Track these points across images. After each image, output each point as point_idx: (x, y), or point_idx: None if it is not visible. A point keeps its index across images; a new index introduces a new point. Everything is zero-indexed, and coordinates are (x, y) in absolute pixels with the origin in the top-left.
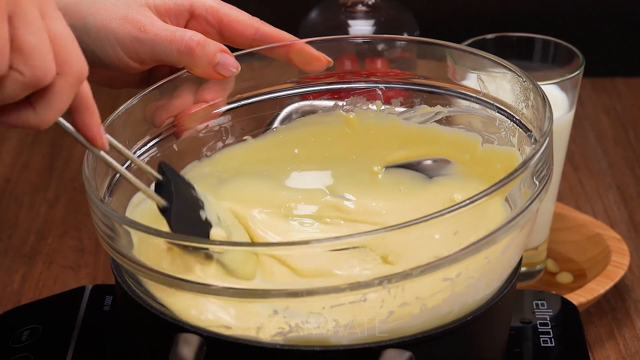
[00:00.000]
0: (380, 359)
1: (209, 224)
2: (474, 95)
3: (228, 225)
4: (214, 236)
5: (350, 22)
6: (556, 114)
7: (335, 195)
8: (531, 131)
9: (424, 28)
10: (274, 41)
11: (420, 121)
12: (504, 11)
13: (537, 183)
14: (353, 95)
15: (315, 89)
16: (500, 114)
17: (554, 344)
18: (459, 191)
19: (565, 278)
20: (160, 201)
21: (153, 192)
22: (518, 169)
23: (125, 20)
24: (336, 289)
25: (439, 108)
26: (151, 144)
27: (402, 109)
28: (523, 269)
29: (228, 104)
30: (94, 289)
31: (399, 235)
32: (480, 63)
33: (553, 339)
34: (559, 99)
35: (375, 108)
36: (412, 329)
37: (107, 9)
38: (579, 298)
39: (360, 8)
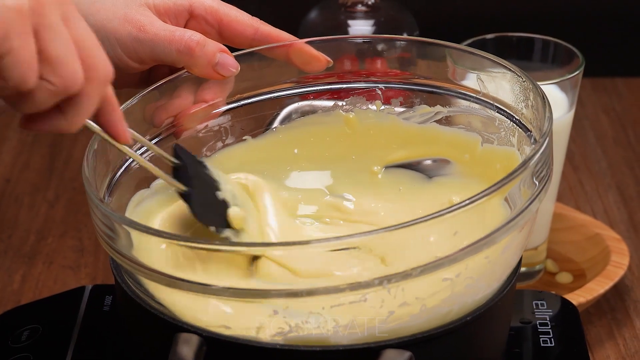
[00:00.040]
0: (379, 359)
1: (225, 204)
2: (474, 95)
3: (243, 202)
4: (232, 216)
5: (350, 22)
6: (556, 114)
7: (335, 195)
8: (531, 131)
9: (424, 28)
10: (273, 41)
11: (420, 121)
12: (503, 11)
13: (537, 183)
14: (353, 95)
15: (315, 89)
16: (500, 114)
17: (553, 344)
18: (458, 192)
19: (564, 278)
20: (181, 187)
21: (172, 179)
22: (518, 169)
23: (125, 20)
24: (336, 289)
25: (438, 108)
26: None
27: (402, 109)
28: (523, 269)
29: (228, 103)
30: (93, 289)
31: (398, 235)
32: (480, 63)
33: (553, 339)
34: (559, 99)
35: (375, 108)
36: (412, 329)
37: (107, 8)
38: (578, 298)
39: (359, 8)
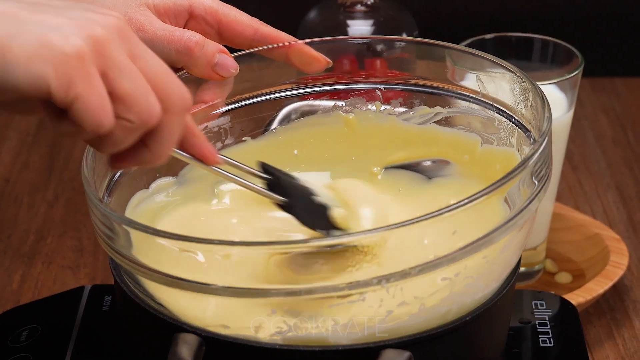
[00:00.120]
0: (379, 358)
1: (325, 207)
2: (473, 95)
3: (340, 203)
4: (337, 216)
5: (349, 22)
6: (555, 114)
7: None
8: (530, 131)
9: (423, 28)
10: (273, 42)
11: (420, 122)
12: (502, 11)
13: (536, 183)
14: (352, 96)
15: (314, 89)
16: (500, 114)
17: (552, 344)
18: (458, 193)
19: (564, 278)
20: (281, 199)
21: (271, 193)
22: (517, 168)
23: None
24: (335, 289)
25: (438, 109)
26: None
27: (402, 110)
28: (522, 269)
29: (227, 104)
30: (93, 289)
31: (397, 235)
32: (480, 63)
33: (552, 339)
34: (558, 99)
35: (374, 109)
36: (411, 329)
37: (106, 8)
38: (577, 298)
39: (359, 8)
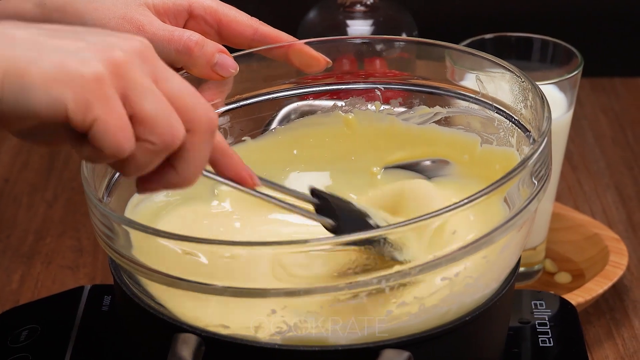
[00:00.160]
0: (378, 359)
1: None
2: (473, 95)
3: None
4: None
5: (349, 22)
6: (555, 114)
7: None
8: (530, 131)
9: (422, 28)
10: (272, 42)
11: (419, 122)
12: (502, 11)
13: (536, 183)
14: (352, 96)
15: (314, 89)
16: (499, 114)
17: (552, 344)
18: (457, 193)
19: (563, 278)
20: (329, 222)
21: (319, 216)
22: (516, 168)
23: (124, 19)
24: (335, 288)
25: (437, 109)
26: None
27: (401, 110)
28: (521, 269)
29: (226, 104)
30: (92, 289)
31: (396, 234)
32: (479, 63)
33: (551, 339)
34: (558, 99)
35: (374, 109)
36: (411, 329)
37: (106, 8)
38: (577, 298)
39: (358, 8)
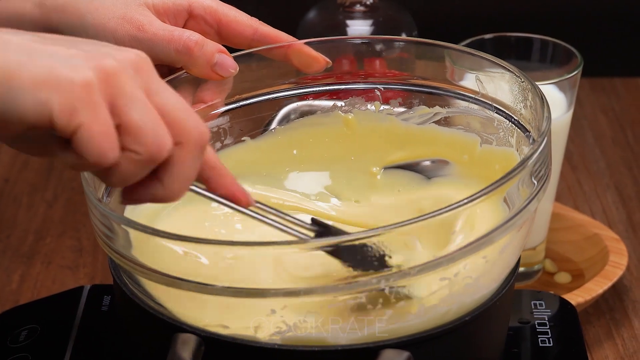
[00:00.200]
0: (378, 359)
1: (382, 253)
2: (473, 95)
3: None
4: (391, 263)
5: (349, 22)
6: (554, 114)
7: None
8: (529, 131)
9: (422, 28)
10: (272, 42)
11: (419, 122)
12: (501, 11)
13: (536, 183)
14: (352, 96)
15: (313, 89)
16: (499, 114)
17: (552, 344)
18: (456, 193)
19: (563, 278)
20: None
21: (317, 238)
22: (516, 168)
23: (124, 19)
24: (334, 288)
25: (437, 109)
26: None
27: (401, 110)
28: (521, 269)
29: (226, 104)
30: (92, 289)
31: (396, 234)
32: (479, 63)
33: (551, 339)
34: (558, 99)
35: (373, 109)
36: (410, 329)
37: (106, 7)
38: (577, 298)
39: (358, 8)
